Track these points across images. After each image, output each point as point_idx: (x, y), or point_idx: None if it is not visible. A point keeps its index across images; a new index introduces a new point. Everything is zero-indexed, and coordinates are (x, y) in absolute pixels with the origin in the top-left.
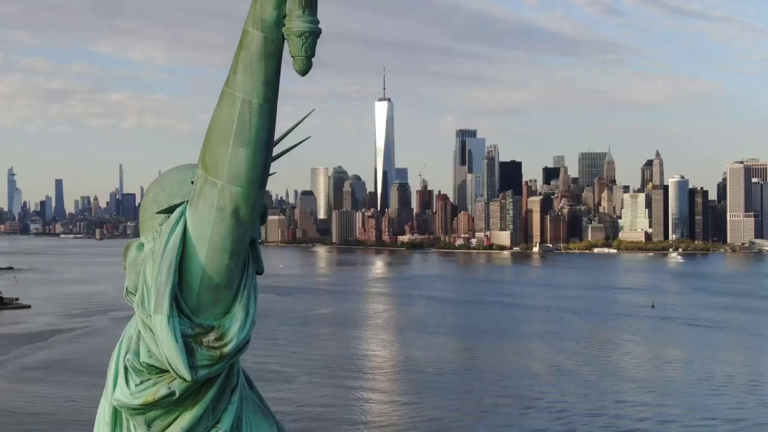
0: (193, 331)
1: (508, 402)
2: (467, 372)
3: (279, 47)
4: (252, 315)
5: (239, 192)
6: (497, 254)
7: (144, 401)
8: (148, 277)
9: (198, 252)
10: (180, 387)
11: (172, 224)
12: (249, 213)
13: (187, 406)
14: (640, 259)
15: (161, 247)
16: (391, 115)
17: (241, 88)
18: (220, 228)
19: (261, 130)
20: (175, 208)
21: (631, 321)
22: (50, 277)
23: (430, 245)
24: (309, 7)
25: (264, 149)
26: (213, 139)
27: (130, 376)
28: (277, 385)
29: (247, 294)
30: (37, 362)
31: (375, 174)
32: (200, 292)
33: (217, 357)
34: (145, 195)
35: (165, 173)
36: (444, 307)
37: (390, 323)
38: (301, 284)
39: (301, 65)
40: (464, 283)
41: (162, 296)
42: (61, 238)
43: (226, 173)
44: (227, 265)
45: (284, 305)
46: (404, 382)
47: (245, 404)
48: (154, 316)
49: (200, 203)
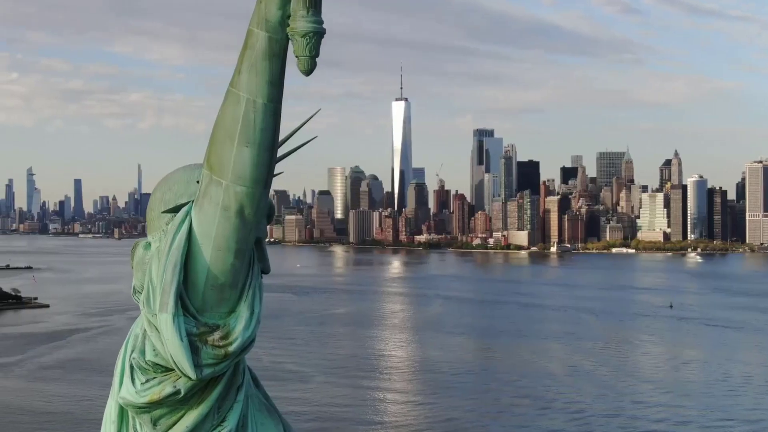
0: (198, 330)
1: (525, 402)
2: (484, 372)
3: (283, 47)
4: (257, 314)
5: (244, 191)
6: (515, 254)
7: (149, 399)
8: (153, 276)
9: (203, 251)
10: (185, 385)
11: (177, 223)
12: (254, 212)
13: (193, 405)
14: (659, 259)
15: (166, 246)
16: (408, 115)
17: (245, 87)
18: (225, 227)
19: (265, 129)
20: (181, 207)
21: (649, 321)
22: (68, 276)
23: (447, 245)
24: (313, 7)
25: (268, 149)
26: (218, 139)
27: (135, 374)
28: (294, 384)
29: (252, 293)
30: (54, 361)
31: (392, 174)
32: (205, 291)
33: (222, 356)
34: (153, 194)
35: (172, 173)
36: (461, 307)
37: (406, 323)
38: (317, 284)
39: (305, 65)
40: (481, 283)
41: (167, 295)
42: (80, 238)
43: (231, 173)
44: (232, 264)
45: (301, 305)
46: (421, 382)
47: (251, 403)
48: (159, 315)
49: (205, 203)
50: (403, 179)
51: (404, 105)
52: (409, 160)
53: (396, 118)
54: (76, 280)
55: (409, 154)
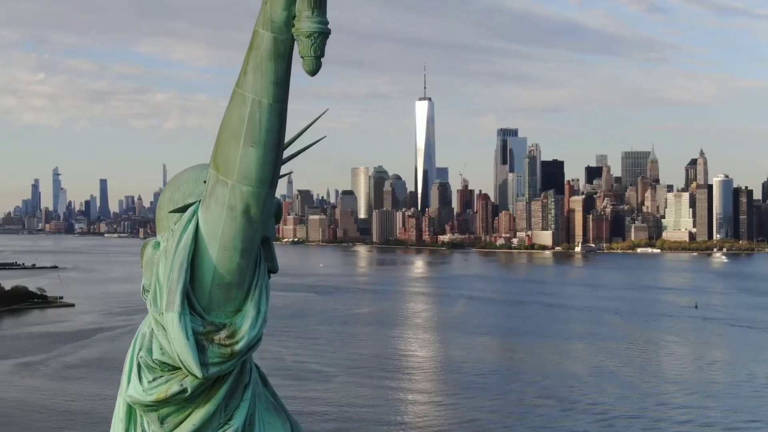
0: (204, 329)
1: (549, 403)
2: (507, 372)
3: (289, 48)
4: (263, 313)
5: (250, 191)
6: (539, 254)
7: (156, 398)
8: (160, 275)
9: (209, 250)
10: (192, 384)
11: (184, 223)
12: (259, 212)
13: (200, 403)
14: (684, 259)
15: (173, 245)
16: (431, 115)
17: (251, 88)
18: (231, 227)
19: (271, 130)
20: (188, 207)
21: (674, 321)
22: (94, 276)
23: (470, 245)
24: (318, 7)
25: (274, 149)
26: (224, 139)
27: (143, 373)
28: (317, 384)
29: (259, 292)
30: (79, 360)
31: (415, 173)
32: (212, 290)
33: (228, 354)
34: (162, 194)
35: (180, 173)
36: (484, 307)
37: (429, 323)
38: (341, 283)
39: (310, 65)
40: (505, 282)
41: (174, 294)
42: (105, 238)
43: (237, 173)
44: (238, 263)
45: (324, 304)
46: (443, 382)
47: (258, 402)
48: (165, 314)
49: (212, 202)
50: (427, 179)
51: (428, 104)
52: (433, 160)
53: (419, 117)
54: (101, 279)
55: (433, 153)
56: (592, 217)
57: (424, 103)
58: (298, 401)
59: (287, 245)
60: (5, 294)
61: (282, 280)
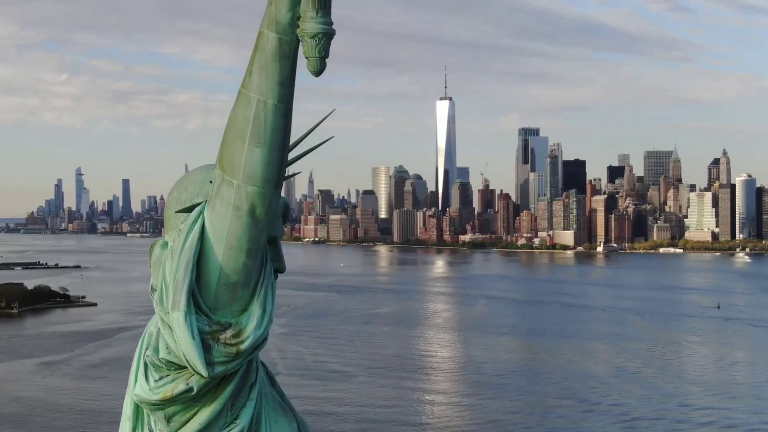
0: (210, 328)
1: (570, 404)
2: (528, 373)
3: (293, 48)
4: (269, 312)
5: (255, 191)
6: (560, 254)
7: (162, 397)
8: (166, 274)
9: (215, 250)
10: (198, 383)
11: (190, 223)
12: (265, 212)
13: (206, 402)
14: (707, 259)
15: (179, 245)
16: (452, 114)
17: (256, 88)
18: (237, 227)
19: (276, 130)
20: (195, 207)
21: (696, 322)
22: (116, 275)
23: (491, 245)
24: (323, 8)
25: (279, 149)
26: (229, 139)
27: (149, 372)
28: (337, 383)
29: (265, 292)
30: (101, 359)
31: (436, 173)
32: (218, 290)
33: (234, 354)
34: (170, 194)
35: (189, 173)
36: (505, 307)
37: (450, 323)
38: (361, 283)
39: (315, 66)
40: (526, 283)
41: (179, 293)
42: (128, 237)
43: (242, 173)
44: (244, 263)
45: (344, 304)
46: (464, 382)
47: (265, 401)
48: (171, 313)
49: (217, 202)
50: (448, 178)
51: (449, 104)
52: (454, 160)
53: (440, 117)
54: (124, 279)
55: (454, 153)
56: (614, 217)
57: (445, 102)
58: (318, 401)
59: (308, 245)
60: (28, 293)
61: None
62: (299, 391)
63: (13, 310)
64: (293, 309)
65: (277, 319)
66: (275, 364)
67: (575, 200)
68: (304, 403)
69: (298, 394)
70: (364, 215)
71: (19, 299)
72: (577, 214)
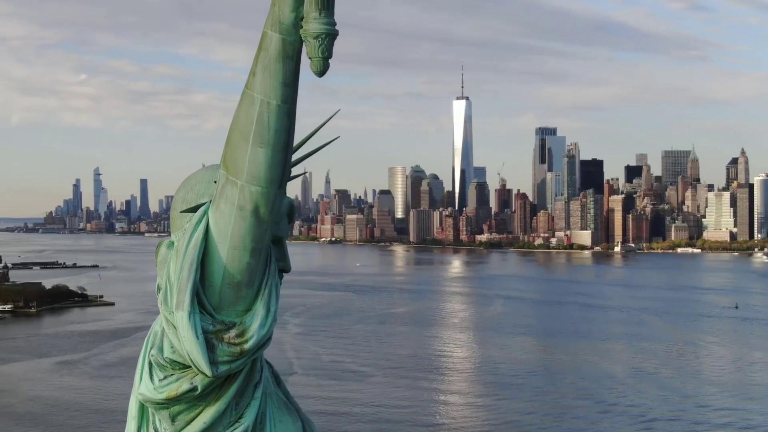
0: (214, 328)
1: (586, 404)
2: (544, 373)
3: (297, 49)
4: (273, 312)
5: (259, 191)
6: (577, 254)
7: (167, 396)
8: (171, 274)
9: (220, 250)
10: (202, 382)
11: (194, 223)
12: (269, 212)
13: (210, 401)
14: (725, 259)
15: (184, 245)
16: (469, 114)
17: (259, 89)
18: (241, 227)
19: (279, 130)
20: (200, 206)
21: (714, 322)
22: (133, 275)
23: (508, 245)
24: (326, 8)
25: (282, 150)
26: (233, 140)
27: (154, 371)
28: (353, 384)
29: (269, 291)
30: (118, 359)
31: (453, 173)
32: (222, 290)
33: (238, 353)
34: (176, 194)
35: (194, 173)
36: (522, 307)
37: (466, 323)
38: (377, 283)
39: (318, 66)
40: (543, 283)
41: (183, 293)
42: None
43: (246, 173)
44: (248, 263)
45: (361, 303)
46: (480, 382)
47: (269, 400)
48: (176, 313)
49: (221, 202)
50: (464, 178)
51: (465, 104)
52: (470, 159)
53: (457, 116)
54: (141, 278)
55: (470, 153)
56: (632, 217)
57: (462, 102)
58: (333, 401)
59: (324, 244)
60: (47, 293)
61: (319, 279)
62: (315, 390)
63: (32, 310)
64: (310, 309)
65: (294, 319)
66: (291, 364)
67: (593, 200)
68: (320, 403)
69: (314, 394)
70: (381, 215)
71: (38, 298)
72: (595, 213)
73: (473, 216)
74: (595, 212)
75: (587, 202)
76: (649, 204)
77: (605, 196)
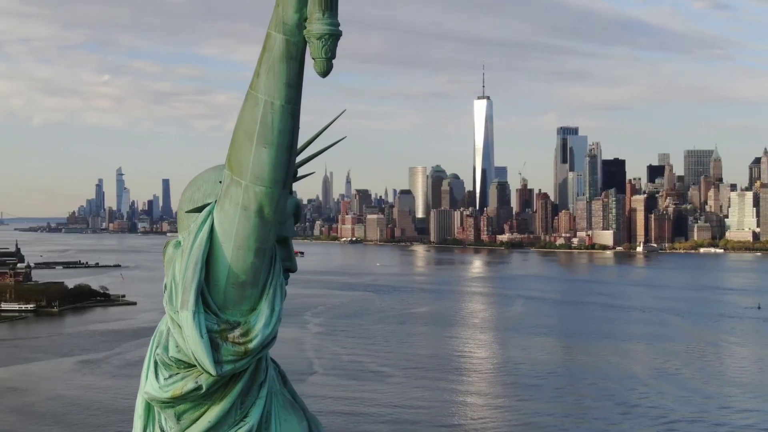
0: (219, 327)
1: (608, 405)
2: (565, 374)
3: (300, 50)
4: (277, 312)
5: (263, 191)
6: (599, 254)
7: (172, 395)
8: (176, 273)
9: (224, 250)
10: (207, 381)
11: (199, 223)
12: (273, 212)
13: (215, 400)
14: (748, 259)
15: (189, 244)
16: (490, 113)
17: (263, 89)
18: (245, 226)
19: (283, 131)
20: (205, 206)
21: (736, 322)
22: (155, 274)
23: (530, 244)
24: (329, 9)
25: (286, 150)
26: (238, 140)
27: (159, 370)
28: (372, 384)
29: (273, 291)
30: (140, 358)
31: (474, 173)
32: (227, 289)
33: (242, 353)
34: (183, 194)
35: (201, 173)
36: (543, 308)
37: (487, 323)
38: (398, 283)
39: (322, 67)
40: (564, 283)
41: (188, 293)
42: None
43: (250, 173)
44: (252, 263)
45: (381, 303)
46: (500, 383)
47: (275, 399)
48: (180, 312)
49: (226, 202)
50: (485, 178)
51: (486, 103)
52: (491, 159)
53: (478, 116)
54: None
55: (491, 152)
56: (654, 217)
57: (483, 101)
58: (353, 401)
59: (345, 244)
60: (69, 292)
61: (339, 279)
62: (335, 390)
63: (54, 309)
64: (330, 308)
65: (314, 319)
66: (311, 363)
67: (614, 200)
68: (339, 403)
69: (334, 394)
70: (401, 215)
71: (60, 298)
72: (617, 213)
73: (494, 216)
74: (617, 212)
75: (609, 201)
76: (671, 204)
77: (627, 196)
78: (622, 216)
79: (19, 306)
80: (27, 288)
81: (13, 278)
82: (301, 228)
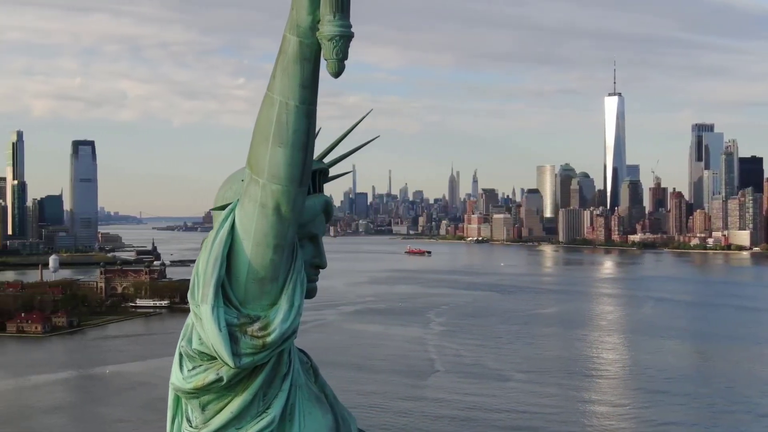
0: (239, 321)
1: (741, 409)
2: (697, 377)
3: (314, 51)
4: (297, 307)
5: (279, 189)
6: (736, 255)
7: (194, 386)
8: (199, 268)
9: (244, 246)
10: (227, 373)
11: (221, 220)
12: (290, 209)
13: (238, 392)
14: None
15: (210, 241)
16: (621, 110)
17: (279, 90)
18: (263, 224)
19: (297, 131)
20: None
21: None
22: None
23: (663, 245)
24: (340, 11)
25: (301, 149)
26: (255, 140)
27: (183, 361)
28: (493, 386)
29: (293, 287)
30: None
31: (604, 171)
32: (247, 284)
33: (260, 346)
34: (218, 192)
35: (235, 172)
36: (675, 310)
37: (616, 325)
38: (523, 283)
39: (334, 68)
40: (698, 284)
41: (207, 287)
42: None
43: (267, 172)
44: (271, 259)
45: (505, 304)
46: (628, 387)
47: (299, 392)
48: (201, 306)
49: (246, 200)
50: (616, 177)
51: (617, 100)
52: (623, 157)
53: (609, 113)
54: None
55: (623, 150)
56: None
57: (614, 98)
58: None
59: (471, 244)
60: None
61: (464, 278)
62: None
63: (186, 305)
64: (453, 308)
65: (437, 318)
66: (433, 362)
67: (752, 199)
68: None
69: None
70: (529, 214)
71: None
72: (754, 213)
73: (626, 215)
74: (754, 211)
75: (746, 201)
76: None
77: (765, 195)
78: (759, 215)
79: (153, 302)
80: (161, 285)
81: (148, 275)
82: (426, 228)
